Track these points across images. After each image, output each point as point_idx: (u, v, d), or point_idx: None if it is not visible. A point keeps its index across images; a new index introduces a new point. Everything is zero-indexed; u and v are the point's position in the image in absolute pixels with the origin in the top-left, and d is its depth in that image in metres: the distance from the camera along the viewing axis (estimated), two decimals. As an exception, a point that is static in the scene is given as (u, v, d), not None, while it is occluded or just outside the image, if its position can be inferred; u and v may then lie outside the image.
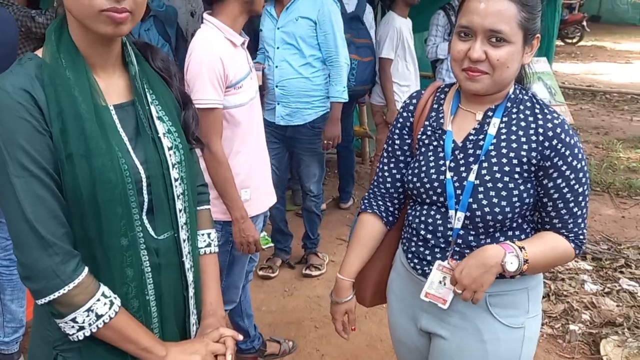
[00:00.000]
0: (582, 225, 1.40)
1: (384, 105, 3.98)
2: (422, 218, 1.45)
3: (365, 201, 1.61)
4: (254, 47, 4.15)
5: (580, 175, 1.35)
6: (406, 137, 1.54)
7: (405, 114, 1.54)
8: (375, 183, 1.61)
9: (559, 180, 1.34)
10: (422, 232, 1.45)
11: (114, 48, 1.15)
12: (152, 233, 1.16)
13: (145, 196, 1.14)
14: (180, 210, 1.21)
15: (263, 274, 3.54)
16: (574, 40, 15.79)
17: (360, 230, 1.59)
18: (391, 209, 1.59)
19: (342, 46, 3.18)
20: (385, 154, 1.59)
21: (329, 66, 3.20)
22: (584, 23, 15.67)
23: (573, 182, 1.35)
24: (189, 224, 1.25)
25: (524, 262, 1.30)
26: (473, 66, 1.31)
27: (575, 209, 1.37)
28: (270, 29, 3.21)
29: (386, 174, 1.58)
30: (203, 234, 1.37)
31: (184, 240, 1.23)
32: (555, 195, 1.36)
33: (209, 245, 1.37)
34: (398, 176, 1.56)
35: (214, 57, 1.99)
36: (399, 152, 1.55)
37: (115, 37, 1.11)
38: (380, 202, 1.59)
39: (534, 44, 1.37)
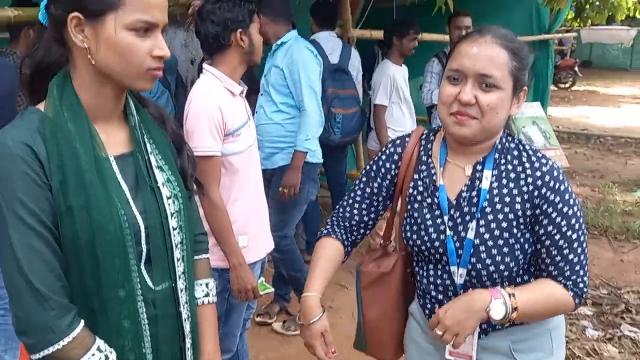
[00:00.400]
0: (581, 273, 1.35)
1: (379, 150, 4.01)
2: (431, 279, 1.44)
3: (329, 227, 1.58)
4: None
5: (573, 221, 1.33)
6: (385, 187, 1.51)
7: (388, 165, 1.50)
8: (342, 215, 1.56)
9: (550, 228, 1.32)
10: (433, 293, 1.44)
11: (122, 100, 1.18)
12: (150, 284, 1.15)
13: (144, 246, 1.14)
14: (178, 260, 1.21)
15: (260, 320, 3.49)
16: (567, 85, 16.10)
17: (323, 250, 1.53)
18: (351, 239, 1.57)
19: (309, 95, 3.13)
20: (359, 192, 1.54)
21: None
22: (576, 68, 16.02)
23: (565, 228, 1.32)
24: (187, 273, 1.24)
25: (512, 309, 1.27)
26: (462, 110, 1.29)
27: (571, 256, 1.33)
28: (262, 76, 3.33)
29: (355, 211, 1.54)
30: (201, 284, 1.36)
31: (182, 290, 1.22)
32: (547, 242, 1.33)
33: (207, 295, 1.36)
34: (366, 218, 1.54)
35: (212, 106, 2.03)
36: (374, 197, 1.52)
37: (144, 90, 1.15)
38: (342, 232, 1.56)
39: (521, 97, 1.36)
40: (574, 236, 1.34)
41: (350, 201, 1.56)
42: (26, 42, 3.44)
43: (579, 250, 1.35)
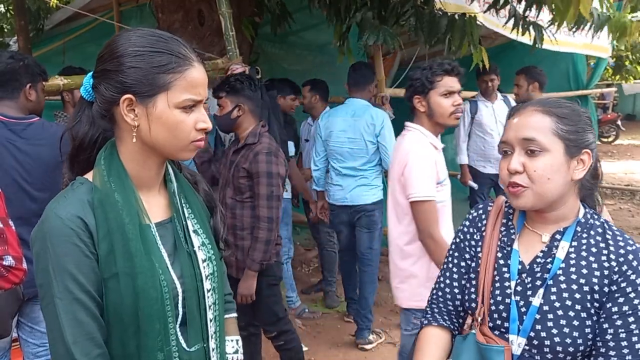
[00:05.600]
0: None
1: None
2: None
3: (429, 315, 1.51)
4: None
5: None
6: (476, 257, 1.45)
7: (472, 230, 1.48)
8: (442, 299, 1.50)
9: (625, 307, 1.22)
10: None
11: (164, 169, 1.25)
12: (184, 345, 1.20)
13: (180, 309, 1.19)
14: (210, 321, 1.26)
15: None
16: (610, 139, 15.81)
17: (429, 346, 1.45)
18: (458, 323, 1.50)
19: None
20: (454, 269, 1.49)
21: None
22: (619, 122, 15.76)
23: None
24: (218, 333, 1.29)
25: None
26: (512, 180, 1.29)
27: (638, 345, 1.21)
28: None
29: (456, 290, 1.48)
30: (231, 340, 1.43)
31: (213, 350, 1.27)
32: (619, 322, 1.22)
33: (236, 351, 1.43)
34: (467, 296, 1.45)
35: (429, 156, 2.23)
36: (471, 271, 1.46)
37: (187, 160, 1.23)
38: (446, 317, 1.49)
39: (585, 160, 1.30)
40: None
41: (448, 281, 1.50)
42: (71, 104, 3.67)
43: None
